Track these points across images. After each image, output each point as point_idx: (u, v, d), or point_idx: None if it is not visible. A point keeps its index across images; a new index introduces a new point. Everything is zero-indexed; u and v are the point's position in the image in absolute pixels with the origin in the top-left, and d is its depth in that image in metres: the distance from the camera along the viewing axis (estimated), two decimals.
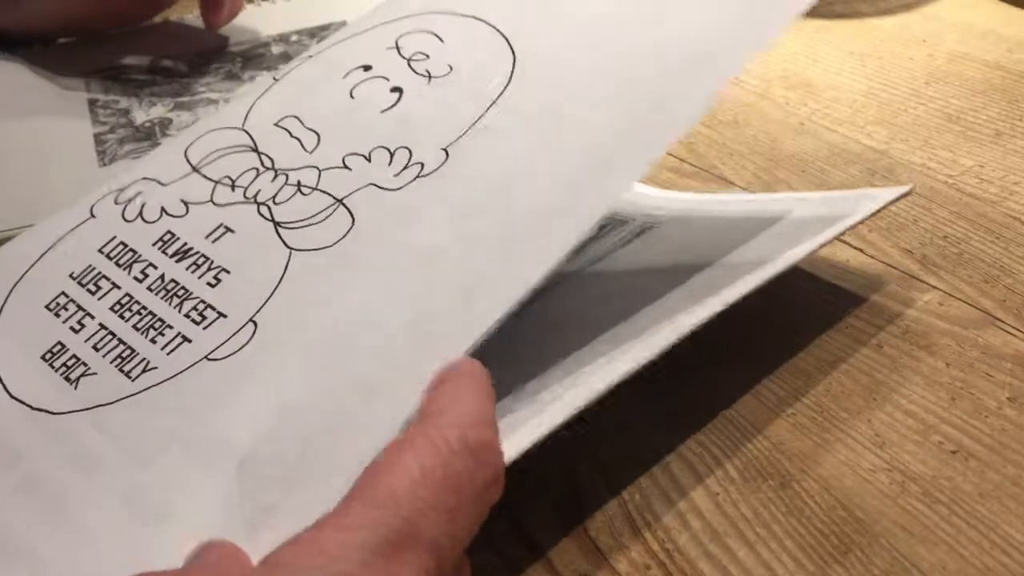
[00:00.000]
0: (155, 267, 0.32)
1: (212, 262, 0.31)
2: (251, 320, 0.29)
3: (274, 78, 0.38)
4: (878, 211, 0.37)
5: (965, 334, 0.36)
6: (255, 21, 0.63)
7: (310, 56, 0.39)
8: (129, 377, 0.29)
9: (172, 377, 0.29)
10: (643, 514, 0.30)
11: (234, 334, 0.29)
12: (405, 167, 0.32)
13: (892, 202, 0.38)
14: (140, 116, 0.53)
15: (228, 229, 0.32)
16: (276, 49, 0.60)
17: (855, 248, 0.40)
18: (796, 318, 0.36)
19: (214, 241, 0.32)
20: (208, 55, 0.59)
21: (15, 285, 0.34)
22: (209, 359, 0.29)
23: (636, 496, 0.31)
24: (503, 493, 0.24)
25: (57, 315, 0.32)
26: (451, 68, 0.35)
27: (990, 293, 0.37)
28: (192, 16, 0.64)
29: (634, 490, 0.31)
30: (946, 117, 0.49)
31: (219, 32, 0.60)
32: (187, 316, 0.30)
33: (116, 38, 0.61)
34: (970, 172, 0.45)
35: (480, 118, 0.33)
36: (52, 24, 0.60)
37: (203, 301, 0.30)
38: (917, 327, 0.36)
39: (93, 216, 0.35)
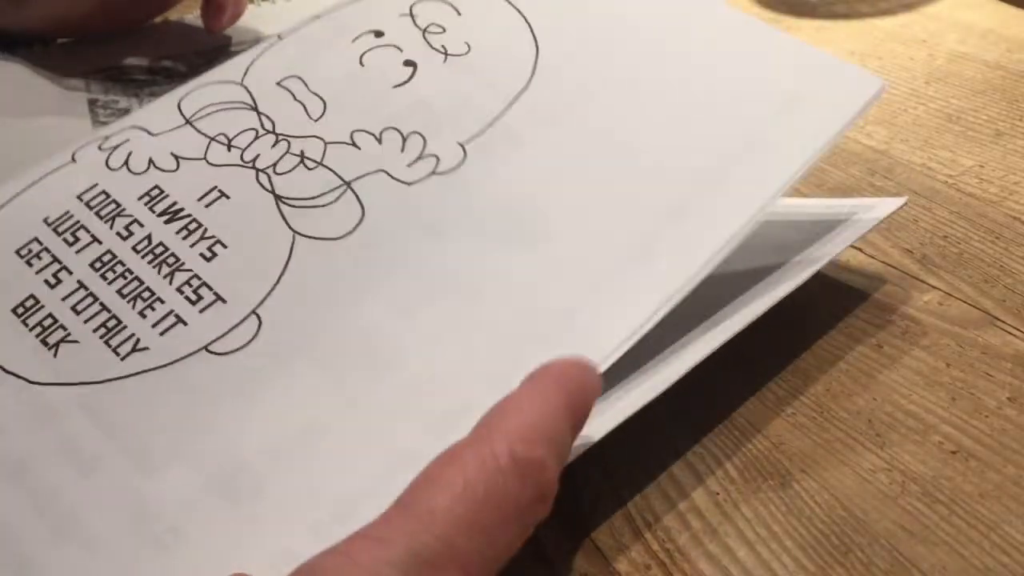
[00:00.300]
0: (141, 224, 0.30)
1: (205, 230, 0.29)
2: (254, 312, 0.28)
3: (279, 36, 0.36)
4: (878, 224, 0.37)
5: (965, 334, 0.36)
6: (255, 21, 0.63)
7: (317, 16, 0.37)
8: (117, 354, 0.27)
9: (168, 365, 0.27)
10: (643, 514, 0.30)
11: (236, 326, 0.28)
12: (419, 158, 0.30)
13: (889, 215, 0.38)
14: None
15: (223, 194, 0.30)
16: None
17: (854, 247, 0.40)
18: (796, 318, 0.36)
19: (207, 205, 0.30)
20: (208, 55, 0.59)
21: None
22: (209, 351, 0.27)
23: (636, 496, 0.31)
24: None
25: (29, 264, 0.29)
26: (469, 47, 0.33)
27: (990, 293, 0.37)
28: (192, 16, 0.64)
29: (634, 490, 0.31)
30: (946, 117, 0.49)
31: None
32: (180, 291, 0.28)
33: (116, 38, 0.61)
34: (970, 172, 0.45)
35: (500, 116, 0.31)
36: (52, 24, 0.59)
37: (197, 276, 0.28)
38: (917, 327, 0.36)
39: (74, 161, 0.32)
